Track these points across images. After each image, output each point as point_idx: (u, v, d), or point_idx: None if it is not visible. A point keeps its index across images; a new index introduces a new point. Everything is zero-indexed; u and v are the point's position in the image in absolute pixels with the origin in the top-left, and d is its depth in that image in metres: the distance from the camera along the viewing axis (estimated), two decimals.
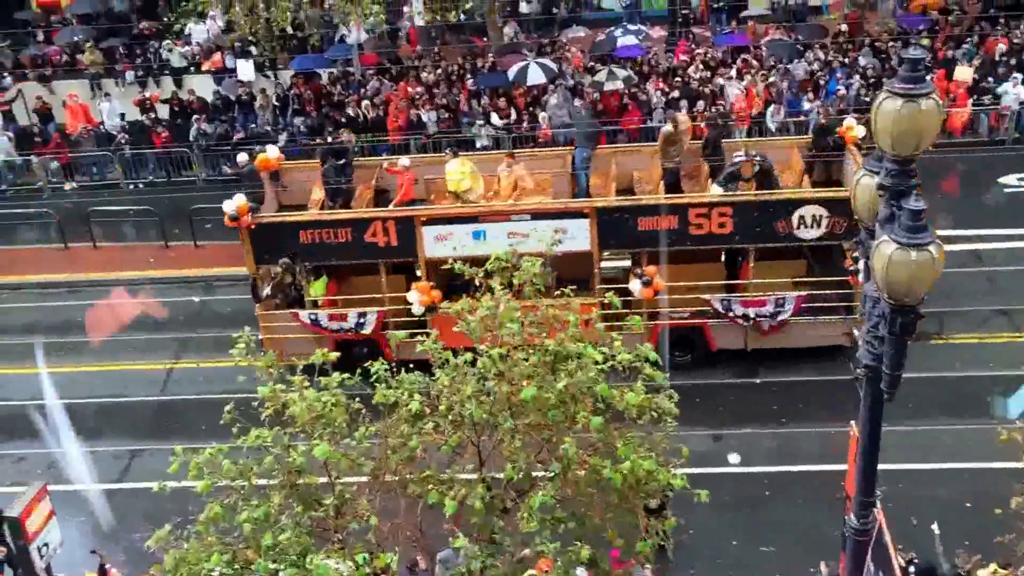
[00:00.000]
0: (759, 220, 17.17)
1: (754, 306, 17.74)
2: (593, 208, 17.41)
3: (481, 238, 17.63)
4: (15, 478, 17.40)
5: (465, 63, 28.46)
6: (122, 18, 32.28)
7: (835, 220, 16.93)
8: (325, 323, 18.70)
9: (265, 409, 9.96)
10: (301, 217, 18.43)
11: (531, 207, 17.71)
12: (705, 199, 17.38)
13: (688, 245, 17.58)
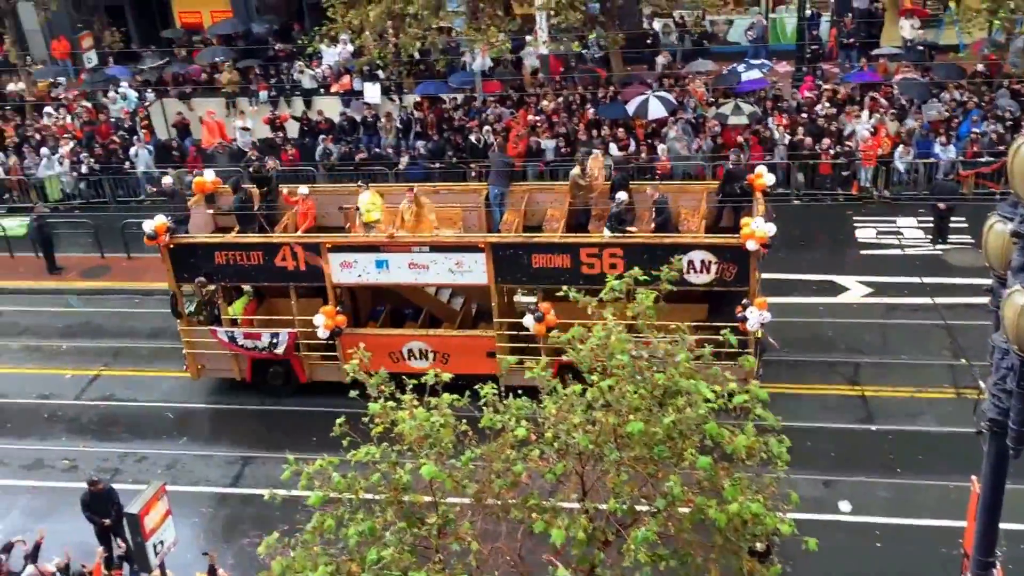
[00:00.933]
0: (649, 263, 16.94)
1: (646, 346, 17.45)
2: (488, 243, 17.87)
3: (384, 267, 18.41)
4: (136, 476, 18.10)
5: (586, 92, 28.61)
6: (260, 40, 33.46)
7: (724, 266, 17.07)
8: (240, 341, 19.38)
9: (375, 425, 10.13)
10: (215, 239, 19.26)
11: (430, 240, 18.29)
12: (594, 239, 17.74)
13: (581, 284, 17.18)
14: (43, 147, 28.60)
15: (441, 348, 18.94)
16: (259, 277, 19.36)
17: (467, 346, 18.80)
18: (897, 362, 19.32)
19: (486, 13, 25.46)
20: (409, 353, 19.07)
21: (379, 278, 18.58)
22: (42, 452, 19.15)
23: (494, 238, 18.27)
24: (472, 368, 17.86)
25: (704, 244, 17.27)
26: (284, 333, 19.15)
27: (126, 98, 30.79)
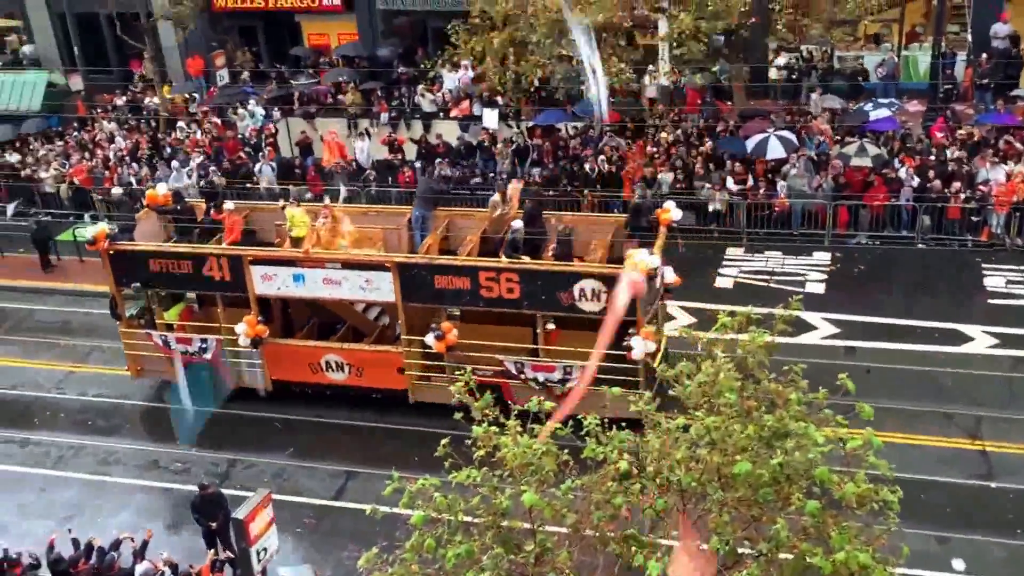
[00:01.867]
0: (543, 289, 18.06)
1: (543, 371, 18.62)
2: (394, 263, 18.75)
3: (301, 281, 19.38)
4: (244, 483, 18.55)
5: (706, 125, 28.35)
6: (384, 63, 34.19)
7: (613, 295, 17.19)
8: (173, 345, 20.55)
9: (478, 449, 10.14)
10: (149, 247, 20.33)
11: (342, 257, 19.17)
12: (491, 264, 18.51)
13: (481, 306, 18.83)
14: (173, 160, 29.73)
15: (355, 362, 19.94)
16: (189, 285, 20.62)
17: (379, 361, 19.77)
18: (1023, 418, 18.49)
19: (608, 43, 25.48)
20: (327, 365, 20.07)
21: (297, 291, 19.64)
22: (157, 454, 19.81)
23: (400, 258, 19.09)
24: (384, 383, 19.86)
25: (593, 273, 17.90)
26: (212, 340, 20.18)
27: (253, 115, 31.84)
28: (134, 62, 36.52)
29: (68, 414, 21.29)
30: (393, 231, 20.46)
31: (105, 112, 34.49)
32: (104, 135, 32.60)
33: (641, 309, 17.76)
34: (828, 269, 24.21)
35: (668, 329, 21.73)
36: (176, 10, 32.38)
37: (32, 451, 20.27)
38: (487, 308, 18.87)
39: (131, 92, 35.77)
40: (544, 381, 18.65)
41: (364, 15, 34.62)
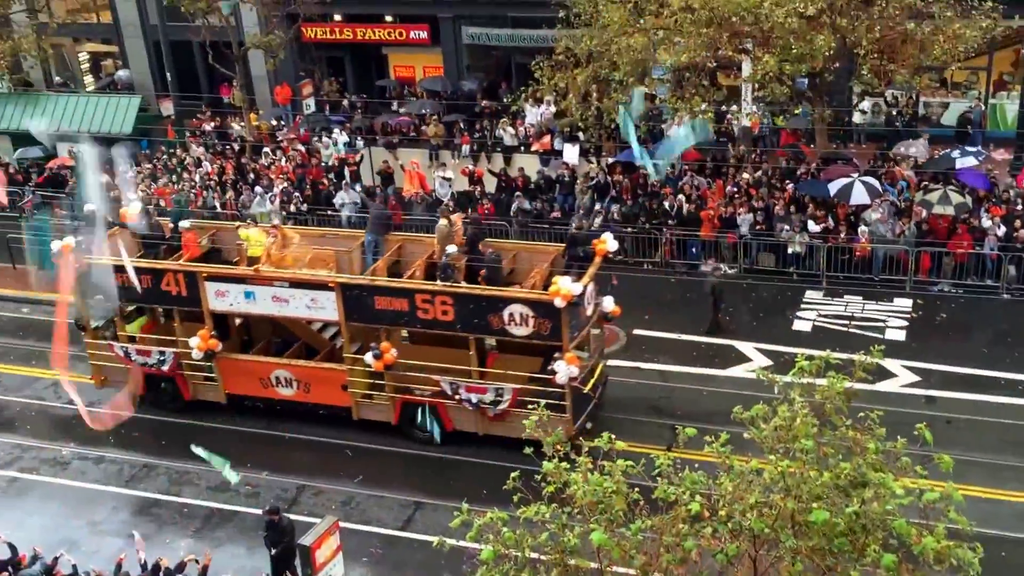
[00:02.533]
0: (475, 312, 18.79)
1: (476, 392, 19.24)
2: (337, 283, 19.48)
3: (252, 298, 20.22)
4: (312, 509, 18.70)
5: (787, 167, 28.08)
6: (467, 96, 34.59)
7: (539, 321, 18.34)
8: (134, 356, 21.55)
9: (547, 484, 10.11)
10: (111, 261, 20.75)
11: (288, 276, 20.00)
12: (426, 286, 19.28)
13: (418, 327, 19.78)
14: (257, 186, 30.37)
15: (303, 378, 20.72)
16: (149, 299, 21.37)
17: (325, 377, 20.59)
18: None
19: (691, 82, 25.45)
20: (277, 380, 20.85)
21: (248, 308, 20.53)
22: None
23: (343, 279, 19.77)
24: (329, 399, 20.62)
25: (521, 298, 18.59)
26: (169, 352, 21.15)
27: (336, 144, 32.42)
28: (223, 89, 37.51)
29: (143, 433, 21.70)
30: (345, 253, 21.12)
31: (193, 137, 35.43)
32: (192, 159, 33.46)
33: (567, 334, 18.31)
34: (909, 316, 23.74)
35: (742, 370, 21.56)
36: (267, 39, 33.21)
37: (106, 469, 20.69)
38: (424, 329, 19.81)
39: (219, 118, 36.72)
40: (477, 402, 19.40)
41: (450, 49, 35.11)
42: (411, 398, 20.00)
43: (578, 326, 18.93)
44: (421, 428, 20.02)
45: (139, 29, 38.68)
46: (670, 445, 17.64)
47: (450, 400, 19.65)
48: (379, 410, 20.41)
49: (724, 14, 23.29)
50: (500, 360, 20.11)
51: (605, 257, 19.75)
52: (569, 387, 18.60)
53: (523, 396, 18.93)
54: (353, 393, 20.34)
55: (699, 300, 24.67)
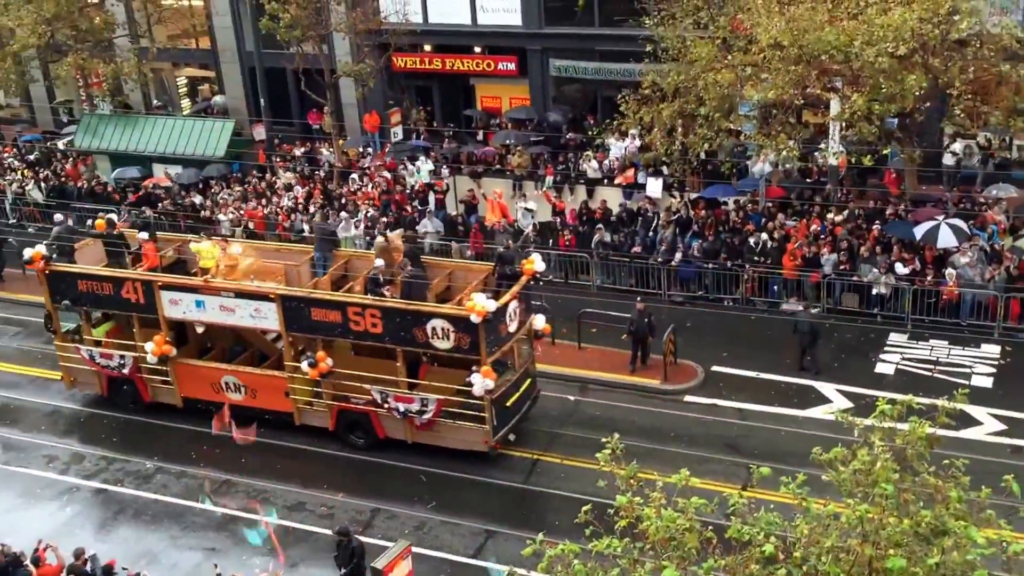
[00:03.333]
0: (401, 326, 19.84)
1: (404, 402, 20.32)
2: (277, 295, 20.67)
3: (202, 307, 21.52)
4: (385, 533, 18.87)
5: (875, 206, 27.66)
6: (552, 128, 34.85)
7: (460, 335, 19.27)
8: (98, 359, 23.01)
9: (620, 519, 10.08)
10: (77, 269, 22.58)
11: (234, 287, 21.19)
12: (356, 300, 20.41)
13: (351, 338, 20.81)
14: (344, 210, 30.94)
15: (249, 384, 21.99)
16: (110, 305, 22.78)
17: (269, 384, 21.77)
18: None
19: (777, 119, 25.28)
20: (226, 385, 22.10)
21: (199, 315, 21.76)
22: (305, 496, 20.36)
23: (283, 291, 20.98)
24: (273, 404, 21.80)
25: (442, 313, 19.59)
26: (129, 356, 22.52)
27: (421, 172, 32.90)
28: (313, 115, 38.36)
29: (223, 450, 22.13)
30: (294, 267, 22.51)
31: (283, 161, 36.27)
32: (281, 183, 34.24)
33: (484, 349, 19.16)
34: (997, 363, 23.13)
35: (821, 412, 21.21)
36: (358, 68, 33.93)
37: (187, 483, 21.16)
38: (357, 341, 20.94)
39: (308, 143, 37.57)
40: (405, 411, 20.44)
41: (537, 80, 35.45)
42: (346, 406, 21.19)
43: (497, 341, 19.71)
44: None
45: (236, 55, 39.85)
46: (745, 484, 17.44)
47: (381, 409, 20.67)
48: (318, 416, 21.61)
49: (814, 52, 23.13)
50: (432, 372, 21.35)
51: (533, 276, 20.63)
52: (488, 399, 19.51)
53: (447, 407, 20.12)
54: (295, 400, 21.51)
55: (780, 338, 24.40)
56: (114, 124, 37.73)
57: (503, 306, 19.62)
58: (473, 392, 19.51)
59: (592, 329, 25.16)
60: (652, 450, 19.75)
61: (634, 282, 27.51)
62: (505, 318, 19.84)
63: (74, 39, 36.16)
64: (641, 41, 27.57)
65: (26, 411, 24.22)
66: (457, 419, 20.25)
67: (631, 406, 22.67)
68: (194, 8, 40.93)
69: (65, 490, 21.20)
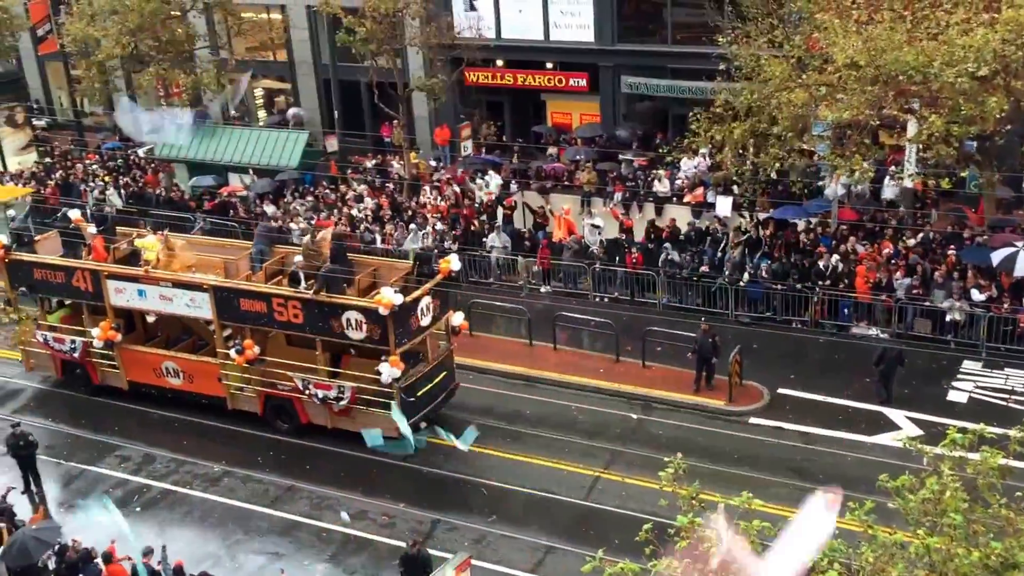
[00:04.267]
0: (319, 317, 21.22)
1: (323, 389, 21.71)
2: (210, 285, 22.16)
3: (144, 296, 23.02)
4: (445, 544, 18.94)
5: (951, 230, 27.09)
6: (622, 145, 34.79)
7: (371, 326, 20.62)
8: (52, 343, 24.63)
9: (681, 539, 10.01)
10: (33, 258, 24.51)
11: (171, 277, 22.80)
12: (279, 292, 21.73)
13: (276, 328, 22.16)
14: (412, 223, 31.22)
15: (186, 369, 23.47)
16: (63, 293, 24.41)
17: (203, 370, 23.18)
18: None
19: (852, 140, 24.91)
20: (166, 370, 23.57)
21: (141, 304, 23.32)
22: (368, 505, 20.53)
23: (214, 281, 22.35)
24: (208, 390, 23.25)
25: (354, 306, 20.90)
26: (79, 340, 23.92)
27: (490, 186, 33.06)
28: (385, 128, 38.80)
29: (289, 456, 22.46)
30: (233, 260, 23.82)
31: (355, 173, 36.73)
32: (353, 195, 34.66)
33: (393, 339, 20.50)
34: None
35: (890, 438, 20.83)
36: (431, 83, 34.27)
37: (253, 488, 21.46)
38: (281, 330, 22.28)
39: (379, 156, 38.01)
40: (323, 397, 21.79)
41: (608, 97, 35.44)
42: (272, 392, 22.56)
43: (407, 334, 20.99)
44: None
45: (311, 68, 40.53)
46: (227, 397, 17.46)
47: (303, 395, 21.97)
48: (248, 401, 22.97)
49: (891, 72, 22.76)
50: (353, 362, 22.35)
51: (448, 275, 22.07)
52: (397, 387, 20.80)
53: (361, 395, 21.44)
54: (227, 385, 22.83)
55: (849, 362, 24.05)
56: (192, 134, 38.47)
57: (413, 301, 20.99)
58: (381, 380, 20.73)
59: (657, 348, 25.02)
60: (714, 471, 19.54)
61: (701, 301, 27.29)
62: (417, 312, 21.19)
63: (156, 50, 37.08)
64: (714, 59, 27.43)
65: (97, 407, 24.81)
66: (370, 406, 21.46)
67: (694, 426, 22.49)
68: (272, 21, 41.74)
69: (136, 490, 21.68)
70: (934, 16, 23.15)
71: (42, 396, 25.61)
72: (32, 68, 47.62)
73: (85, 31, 36.84)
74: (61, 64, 44.52)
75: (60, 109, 48.14)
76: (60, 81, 47.04)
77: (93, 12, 37.36)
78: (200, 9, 39.16)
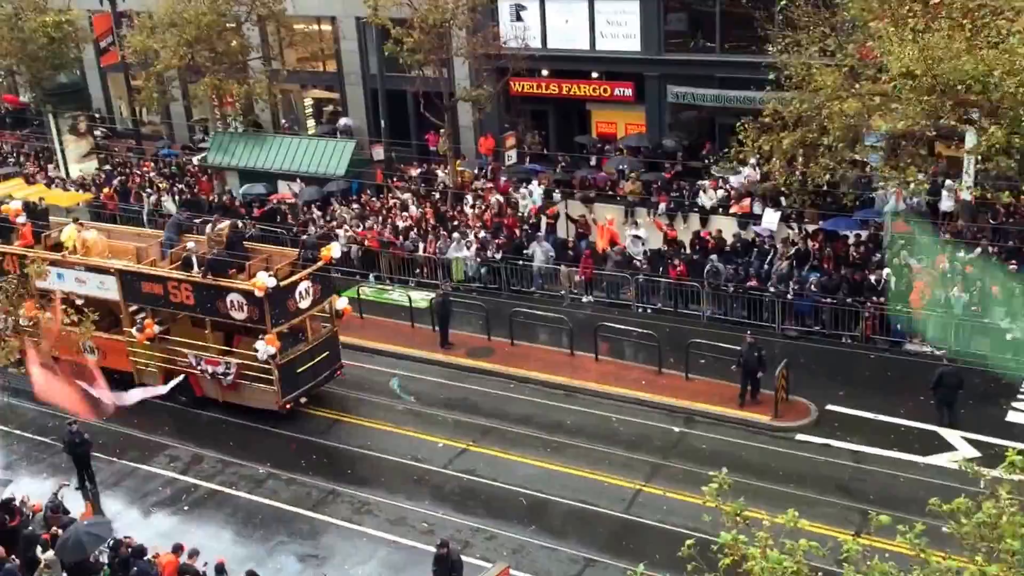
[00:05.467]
0: (207, 298, 23.27)
1: (211, 364, 23.72)
2: (116, 269, 24.27)
3: (63, 278, 24.78)
4: (484, 553, 18.75)
5: (1011, 245, 26.39)
6: (668, 155, 34.44)
7: (251, 308, 22.64)
8: None
9: (724, 556, 9.69)
10: None
11: (83, 261, 24.78)
12: (172, 275, 23.80)
13: (172, 309, 24.08)
14: (456, 231, 31.10)
15: (100, 346, 24.99)
16: None
17: (114, 347, 25.00)
18: None
19: (906, 151, 24.34)
20: (85, 347, 24.79)
21: (60, 286, 24.76)
22: (406, 511, 20.40)
23: (119, 265, 24.43)
24: (119, 365, 25.05)
25: (235, 288, 22.78)
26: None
27: (533, 195, 32.86)
28: (430, 137, 38.82)
29: (332, 460, 22.40)
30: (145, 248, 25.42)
31: (400, 181, 36.76)
32: (398, 203, 34.66)
33: (269, 320, 22.47)
34: None
35: (944, 459, 20.31)
36: (476, 93, 34.21)
37: (296, 491, 21.46)
38: (177, 311, 24.06)
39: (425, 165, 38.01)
40: (212, 373, 23.75)
41: (654, 107, 35.12)
42: (170, 367, 24.35)
43: (284, 315, 22.97)
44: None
45: (360, 78, 40.75)
46: (859, 530, 16.73)
47: (196, 371, 23.94)
48: (151, 376, 24.70)
49: (949, 82, 22.16)
50: (244, 341, 23.99)
51: (329, 261, 24.05)
52: (276, 364, 22.77)
53: (245, 371, 23.33)
54: (134, 361, 24.64)
55: (901, 380, 23.50)
56: (243, 142, 38.97)
57: (291, 284, 22.99)
58: (258, 357, 22.69)
59: (701, 360, 24.62)
60: (759, 488, 19.13)
61: (746, 314, 26.83)
62: (295, 296, 23.07)
63: (212, 61, 37.64)
64: (763, 68, 27.00)
65: (149, 408, 24.91)
66: (254, 381, 23.32)
67: (739, 441, 22.05)
68: (323, 33, 42.07)
69: (184, 489, 21.89)
70: (995, 24, 22.54)
71: None
72: (95, 79, 48.70)
73: (145, 43, 37.73)
74: (122, 75, 45.52)
75: (120, 118, 49.12)
76: (120, 91, 48.06)
77: (153, 25, 38.23)
78: (254, 21, 39.61)
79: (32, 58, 41.21)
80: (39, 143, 45.61)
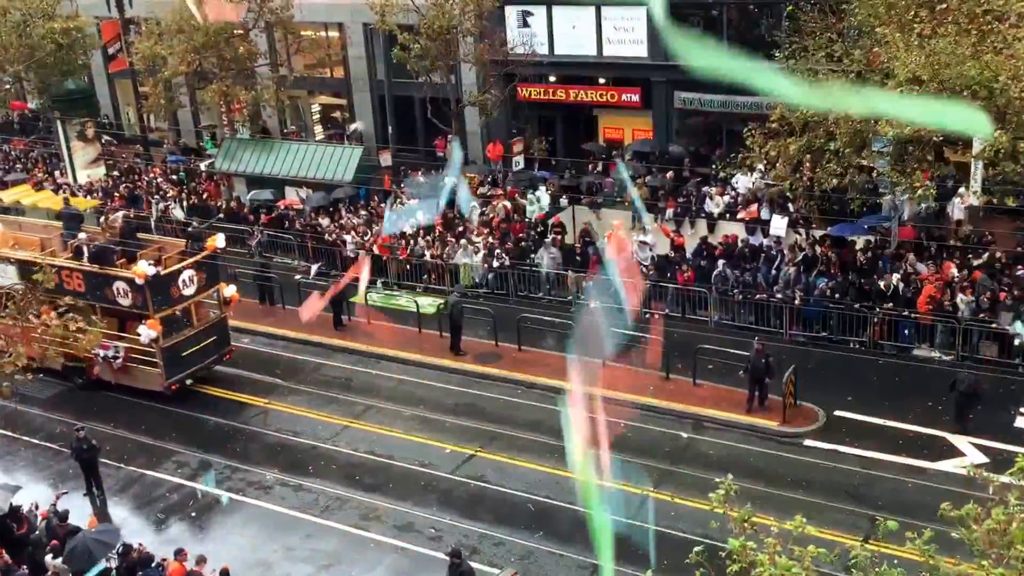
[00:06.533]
0: (96, 286, 24.86)
1: (103, 349, 24.73)
2: (15, 259, 25.83)
3: None
4: (491, 559, 18.76)
5: (1019, 250, 26.34)
6: (675, 160, 34.41)
7: (135, 294, 24.20)
8: None
9: (732, 563, 9.69)
10: None
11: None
12: (65, 264, 25.23)
13: (66, 296, 23.96)
14: (463, 238, 31.13)
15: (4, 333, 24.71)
16: None
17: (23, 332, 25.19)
18: None
19: (914, 156, 24.32)
20: None
21: None
22: (414, 517, 20.40)
23: (20, 255, 26.03)
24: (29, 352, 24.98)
25: (120, 276, 24.41)
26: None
27: (540, 201, 32.88)
28: (438, 143, 38.87)
29: (339, 467, 22.43)
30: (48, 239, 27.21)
31: (406, 188, 36.74)
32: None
33: (151, 305, 24.10)
34: None
35: (953, 465, 20.29)
36: (483, 98, 34.26)
37: (303, 497, 21.48)
38: (71, 299, 23.85)
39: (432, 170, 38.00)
40: (103, 356, 25.01)
41: (661, 113, 35.15)
42: (68, 352, 24.65)
43: (167, 301, 24.51)
44: None
45: (367, 84, 40.86)
46: (867, 536, 16.70)
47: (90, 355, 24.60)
48: (53, 361, 25.58)
49: (955, 87, 22.18)
50: (133, 325, 25.00)
51: (214, 250, 25.61)
52: (159, 347, 24.29)
53: (132, 354, 24.81)
54: (37, 347, 24.47)
55: (909, 385, 23.45)
56: (251, 148, 39.01)
57: (173, 272, 24.56)
58: (140, 340, 24.13)
59: (708, 366, 24.59)
60: (768, 494, 19.12)
61: (754, 319, 26.81)
62: (178, 283, 24.63)
63: (219, 67, 37.76)
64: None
65: (156, 413, 24.97)
66: (141, 364, 24.81)
67: (746, 447, 22.04)
68: (330, 39, 42.18)
69: (191, 495, 21.89)
70: (1000, 30, 22.56)
71: (102, 400, 25.88)
72: (103, 85, 49.09)
73: (153, 49, 37.90)
74: (130, 81, 45.71)
75: (128, 124, 49.28)
76: (128, 97, 48.13)
77: (161, 31, 38.40)
78: (262, 27, 39.73)
79: (40, 65, 41.48)
80: (46, 149, 45.81)
